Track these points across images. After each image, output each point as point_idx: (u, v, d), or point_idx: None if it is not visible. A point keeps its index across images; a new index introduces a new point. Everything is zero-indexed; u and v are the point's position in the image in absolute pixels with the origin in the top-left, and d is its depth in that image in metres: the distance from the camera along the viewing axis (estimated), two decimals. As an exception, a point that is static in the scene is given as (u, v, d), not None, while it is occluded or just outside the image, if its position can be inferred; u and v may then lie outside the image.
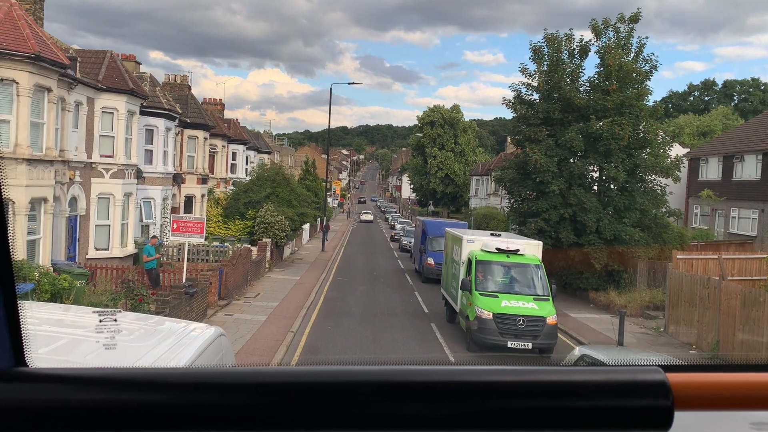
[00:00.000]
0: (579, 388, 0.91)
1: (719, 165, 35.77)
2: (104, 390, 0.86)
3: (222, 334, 5.47)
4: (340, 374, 0.91)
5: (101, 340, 3.55)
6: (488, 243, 18.36)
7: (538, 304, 16.45)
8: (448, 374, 0.92)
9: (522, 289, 17.23)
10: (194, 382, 0.88)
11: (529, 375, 0.93)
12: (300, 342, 17.59)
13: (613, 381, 0.92)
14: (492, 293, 16.84)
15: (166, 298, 15.28)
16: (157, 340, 4.50)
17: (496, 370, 0.94)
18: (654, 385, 0.92)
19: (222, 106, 47.57)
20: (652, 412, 0.91)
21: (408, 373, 0.92)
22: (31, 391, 0.86)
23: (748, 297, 16.29)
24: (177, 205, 30.54)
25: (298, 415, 0.87)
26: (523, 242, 18.90)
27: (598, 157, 25.52)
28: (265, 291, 24.79)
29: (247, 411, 0.87)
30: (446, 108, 75.01)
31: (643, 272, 24.78)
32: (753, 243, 29.07)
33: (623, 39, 26.42)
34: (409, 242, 42.47)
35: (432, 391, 0.90)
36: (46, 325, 4.05)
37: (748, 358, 14.33)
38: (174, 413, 0.86)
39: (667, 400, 0.91)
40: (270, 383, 0.89)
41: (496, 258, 17.69)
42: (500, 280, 17.54)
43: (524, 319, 15.99)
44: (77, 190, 21.00)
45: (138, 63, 30.04)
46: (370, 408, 0.89)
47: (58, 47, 18.33)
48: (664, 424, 0.91)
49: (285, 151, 79.93)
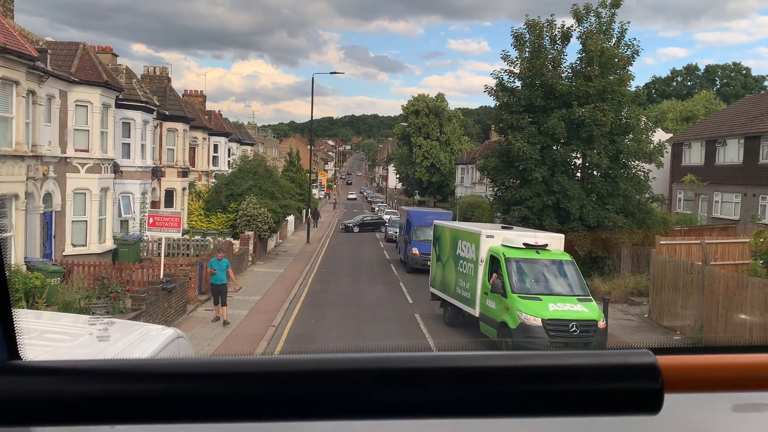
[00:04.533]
0: (568, 371, 0.91)
1: (702, 150, 35.84)
2: (99, 381, 0.86)
3: (180, 336, 5.22)
4: (324, 362, 0.90)
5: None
6: (511, 238, 16.38)
7: (586, 306, 14.72)
8: (438, 360, 0.91)
9: (563, 290, 15.31)
10: (189, 372, 0.88)
11: (520, 359, 0.92)
12: (282, 335, 17.38)
13: (602, 364, 0.91)
14: (533, 296, 14.85)
15: (142, 294, 14.97)
16: (103, 346, 4.24)
17: (487, 356, 0.92)
18: (644, 367, 0.91)
19: (203, 98, 47.01)
20: (642, 394, 0.90)
21: (398, 360, 0.91)
22: (25, 383, 0.86)
23: (731, 281, 16.26)
24: (157, 199, 30.09)
25: (297, 403, 0.87)
26: (547, 235, 17.33)
27: (580, 144, 25.39)
28: (247, 285, 24.49)
29: (243, 400, 0.86)
30: (431, 97, 74.64)
31: (626, 258, 24.75)
32: (736, 227, 29.16)
33: (605, 24, 26.24)
34: (394, 232, 42.29)
35: (422, 377, 0.89)
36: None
37: (736, 340, 14.32)
38: (169, 403, 0.86)
39: (656, 382, 0.90)
40: (265, 372, 0.88)
41: (527, 255, 15.71)
42: (535, 280, 15.55)
43: (577, 324, 14.12)
44: (52, 185, 20.53)
45: (115, 55, 29.45)
46: (356, 395, 0.88)
47: (26, 39, 17.82)
48: (654, 407, 0.90)
49: (269, 143, 79.28)
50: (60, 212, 21.22)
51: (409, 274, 29.16)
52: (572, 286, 15.45)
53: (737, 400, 1.26)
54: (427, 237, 29.95)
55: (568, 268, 15.81)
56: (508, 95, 27.25)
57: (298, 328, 18.26)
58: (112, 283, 15.12)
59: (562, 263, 15.88)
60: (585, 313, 14.38)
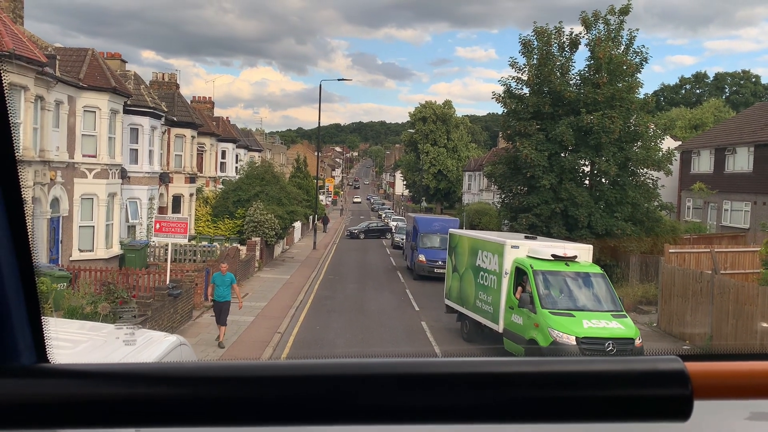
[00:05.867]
0: (596, 378, 0.90)
1: (711, 157, 35.59)
2: (126, 385, 0.87)
3: (183, 343, 5.16)
4: (329, 367, 0.90)
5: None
6: (538, 249, 15.50)
7: (622, 323, 13.96)
8: (464, 366, 0.91)
9: (596, 305, 14.52)
10: (213, 375, 0.88)
11: (546, 365, 0.91)
12: (288, 342, 17.31)
13: (630, 371, 0.91)
14: (566, 311, 14.05)
15: (147, 300, 14.94)
16: (104, 353, 4.18)
17: (513, 361, 0.92)
18: (673, 374, 0.91)
19: (211, 104, 47.13)
20: (672, 401, 0.90)
21: (426, 365, 0.91)
22: (54, 386, 0.86)
23: (741, 291, 16.07)
24: (165, 205, 30.14)
25: (308, 407, 0.87)
26: (576, 246, 16.48)
27: (589, 151, 25.26)
28: (254, 291, 24.46)
29: (264, 405, 0.86)
30: (438, 104, 74.54)
31: (635, 266, 24.55)
32: (745, 235, 28.90)
33: (613, 31, 26.16)
34: (401, 239, 42.19)
35: (450, 383, 0.89)
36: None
37: (765, 347, 14.12)
38: (194, 407, 0.86)
39: (686, 389, 0.90)
40: (279, 376, 0.88)
41: (555, 267, 14.89)
42: (566, 294, 14.75)
43: (613, 343, 13.30)
44: (59, 190, 20.58)
45: (123, 61, 29.60)
46: (361, 400, 0.88)
47: (35, 45, 17.91)
48: (684, 414, 0.90)
49: (276, 149, 79.48)
50: (67, 217, 21.26)
51: (416, 281, 29.04)
52: (605, 300, 14.70)
53: (753, 407, 1.24)
54: (434, 244, 29.90)
55: (600, 282, 15.03)
56: (516, 102, 27.17)
57: (304, 334, 18.18)
58: (118, 289, 15.10)
59: (595, 276, 15.10)
60: (621, 331, 13.63)
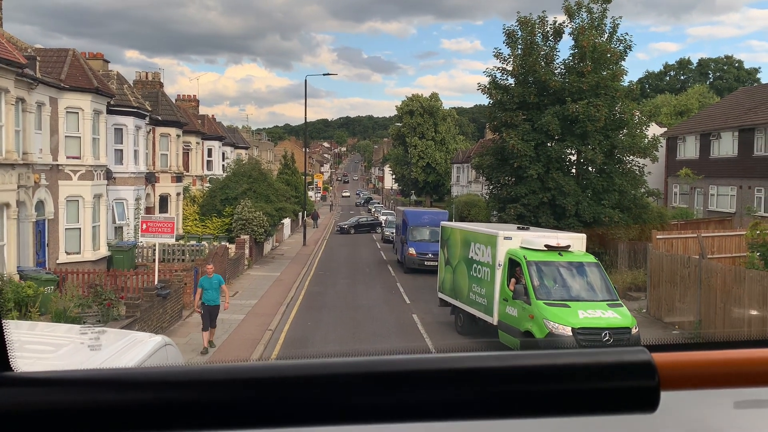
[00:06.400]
0: (563, 371, 0.90)
1: (696, 143, 35.82)
2: (93, 391, 0.84)
3: (168, 343, 5.11)
4: (320, 367, 0.89)
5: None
6: (531, 239, 15.33)
7: (618, 312, 13.79)
8: (429, 362, 0.90)
9: (591, 295, 14.34)
10: (185, 380, 0.86)
11: (512, 360, 0.90)
12: (279, 339, 17.27)
13: (597, 363, 0.90)
14: (561, 302, 13.87)
15: (136, 301, 14.84)
16: (87, 355, 4.13)
17: (479, 357, 0.91)
18: (639, 365, 0.90)
19: (196, 102, 46.88)
20: (638, 393, 0.89)
21: (388, 363, 0.90)
22: (18, 395, 0.83)
23: (729, 274, 16.19)
24: (152, 205, 29.94)
25: (294, 409, 0.86)
26: (569, 236, 16.37)
27: (575, 140, 25.33)
28: (243, 289, 24.38)
29: (242, 407, 0.84)
30: (425, 97, 74.42)
31: (623, 253, 24.70)
32: (732, 219, 29.14)
33: (596, 20, 26.19)
34: (391, 233, 42.20)
35: (413, 380, 0.88)
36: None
37: (733, 335, 14.24)
38: (166, 412, 0.84)
39: (652, 380, 0.89)
40: (267, 377, 0.87)
41: (549, 257, 14.74)
42: (560, 284, 14.60)
43: (610, 333, 13.15)
44: (44, 193, 20.38)
45: (106, 61, 29.34)
46: (351, 399, 0.87)
47: (14, 46, 17.68)
48: (651, 405, 0.89)
49: (264, 146, 79.10)
50: (53, 220, 21.07)
51: (407, 274, 29.06)
52: (600, 290, 14.51)
53: (738, 396, 1.24)
54: (424, 237, 29.93)
55: (594, 271, 14.86)
56: (501, 93, 27.17)
57: (295, 331, 18.14)
58: (106, 290, 14.99)
59: (589, 266, 14.94)
60: (617, 320, 13.46)
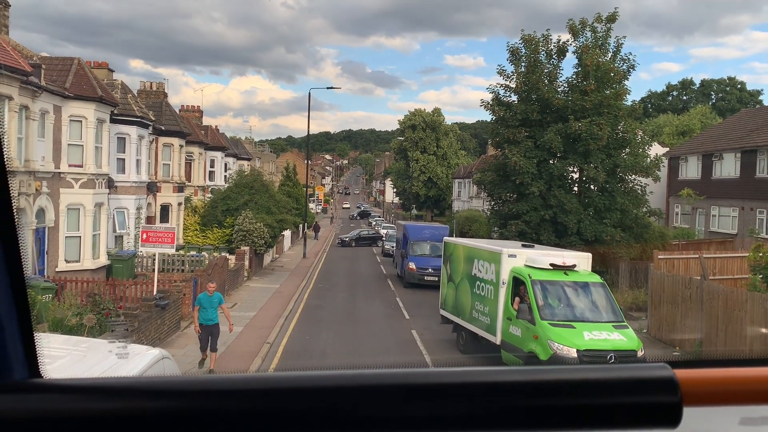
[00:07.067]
0: (585, 386, 0.90)
1: (699, 164, 35.82)
2: (120, 399, 0.86)
3: (166, 356, 5.05)
4: (316, 379, 0.89)
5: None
6: (536, 258, 15.04)
7: (624, 334, 13.49)
8: (452, 375, 0.91)
9: (596, 316, 14.09)
10: (211, 389, 0.87)
11: (535, 374, 0.92)
12: (277, 353, 17.14)
13: (619, 378, 0.91)
14: (566, 323, 13.61)
15: (134, 311, 14.75)
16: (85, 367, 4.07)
17: (501, 371, 0.92)
18: (661, 381, 0.91)
19: (200, 113, 46.97)
20: (661, 408, 0.90)
21: (413, 376, 0.90)
22: (46, 401, 0.86)
23: (731, 296, 16.09)
24: (153, 215, 29.91)
25: (295, 420, 0.86)
26: (575, 255, 16.11)
27: (577, 158, 25.33)
28: (242, 300, 24.27)
29: (254, 419, 0.85)
30: (427, 111, 74.64)
31: (624, 273, 24.59)
32: (734, 241, 29.04)
33: (600, 39, 26.28)
34: (391, 247, 42.11)
35: (441, 392, 0.88)
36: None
37: (756, 353, 14.10)
38: (189, 421, 0.85)
39: (675, 396, 0.90)
40: (291, 388, 0.87)
41: (554, 276, 14.48)
42: (565, 305, 14.35)
43: (615, 355, 12.88)
44: (45, 201, 20.36)
45: (111, 70, 29.42)
46: (358, 411, 0.87)
47: (19, 54, 17.74)
48: (673, 421, 0.90)
49: (266, 158, 79.27)
50: (53, 228, 21.02)
51: (406, 289, 28.93)
52: (606, 310, 14.30)
53: (745, 413, 1.24)
54: (424, 251, 29.85)
55: (600, 291, 14.64)
56: (504, 109, 27.22)
57: (294, 345, 18.01)
58: (104, 300, 14.90)
59: (594, 286, 14.71)
60: (623, 343, 13.18)
